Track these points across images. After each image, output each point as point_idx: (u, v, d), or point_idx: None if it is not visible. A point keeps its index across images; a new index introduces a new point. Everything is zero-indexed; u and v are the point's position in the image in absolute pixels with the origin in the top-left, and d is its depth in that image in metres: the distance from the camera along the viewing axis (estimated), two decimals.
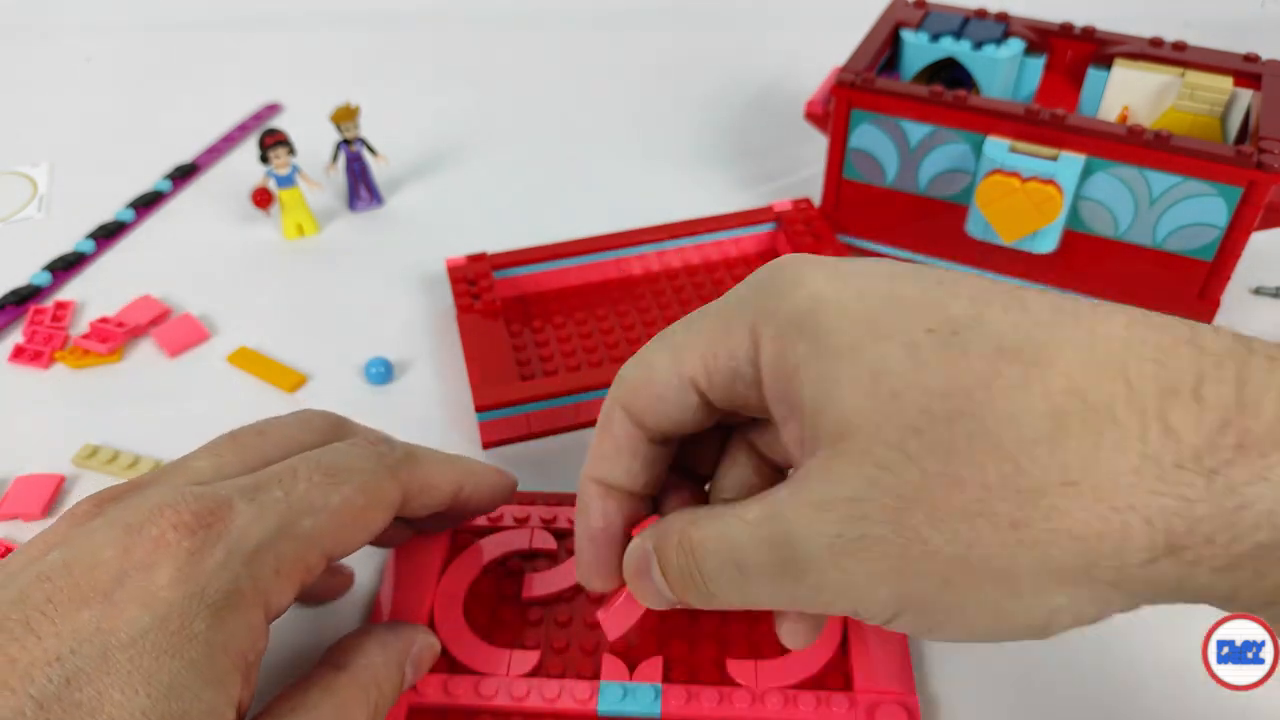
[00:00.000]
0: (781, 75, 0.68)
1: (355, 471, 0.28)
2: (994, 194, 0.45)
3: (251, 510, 0.26)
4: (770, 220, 0.51)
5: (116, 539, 0.24)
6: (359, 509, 0.28)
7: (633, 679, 0.32)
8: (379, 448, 0.30)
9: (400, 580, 0.34)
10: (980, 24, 0.50)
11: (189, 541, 0.24)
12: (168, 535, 0.24)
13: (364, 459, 0.29)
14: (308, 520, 0.27)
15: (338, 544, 0.28)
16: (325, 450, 0.29)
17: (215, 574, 0.24)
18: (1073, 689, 0.33)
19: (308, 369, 0.46)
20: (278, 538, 0.26)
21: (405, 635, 0.30)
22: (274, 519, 0.26)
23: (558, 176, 0.60)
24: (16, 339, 0.48)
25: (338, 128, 0.54)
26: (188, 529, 0.24)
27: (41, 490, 0.40)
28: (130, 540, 0.24)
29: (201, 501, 0.25)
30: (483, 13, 0.78)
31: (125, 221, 0.56)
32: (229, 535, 0.25)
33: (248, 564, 0.25)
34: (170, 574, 0.24)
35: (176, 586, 0.24)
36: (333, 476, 0.28)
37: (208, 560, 0.24)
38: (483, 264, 0.48)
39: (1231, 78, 0.46)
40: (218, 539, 0.25)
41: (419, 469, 0.31)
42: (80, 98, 0.70)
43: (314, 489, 0.27)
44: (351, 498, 0.28)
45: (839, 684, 0.32)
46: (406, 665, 0.30)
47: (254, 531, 0.25)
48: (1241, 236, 0.43)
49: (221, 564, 0.24)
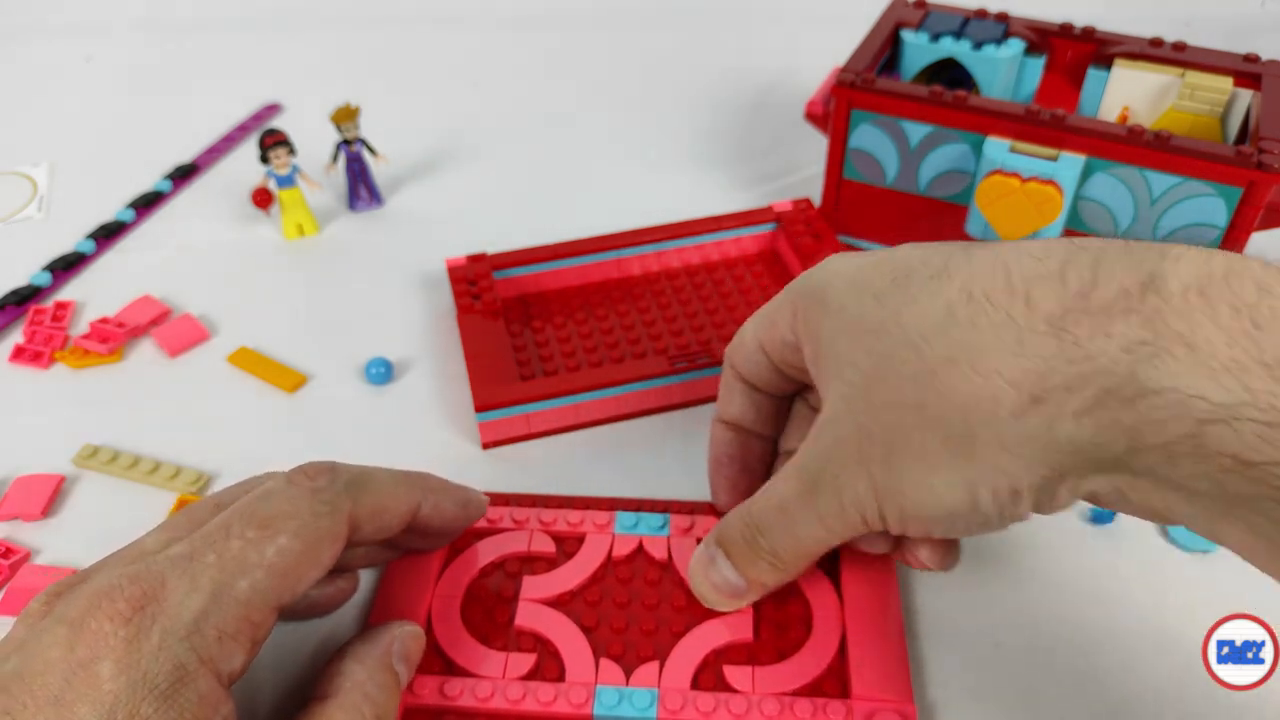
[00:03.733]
0: (781, 75, 0.68)
1: (289, 517, 0.28)
2: (994, 194, 0.45)
3: (184, 583, 0.25)
4: (770, 220, 0.51)
5: (61, 639, 0.24)
6: (297, 555, 0.27)
7: (629, 684, 0.32)
8: (317, 483, 0.29)
9: (397, 584, 0.34)
10: (980, 24, 0.50)
11: (125, 630, 0.24)
12: (105, 628, 0.24)
13: (298, 500, 0.28)
14: (243, 581, 0.26)
15: (281, 594, 0.27)
16: (258, 498, 0.28)
17: (155, 658, 0.24)
18: (1073, 694, 0.33)
19: (308, 369, 0.46)
20: (214, 605, 0.25)
21: (381, 638, 0.30)
22: (208, 586, 0.25)
23: (558, 176, 0.60)
24: (16, 339, 0.48)
25: (338, 128, 0.54)
26: (123, 618, 0.24)
27: (41, 490, 0.40)
28: (73, 637, 0.24)
29: (135, 585, 0.25)
30: (483, 13, 0.78)
31: (125, 221, 0.56)
32: (164, 615, 0.25)
33: (187, 639, 0.25)
34: (111, 667, 0.24)
35: (118, 678, 0.24)
36: (266, 528, 0.27)
37: (145, 646, 0.24)
38: (483, 264, 0.48)
39: (1231, 78, 0.46)
40: (153, 621, 0.24)
41: (366, 495, 0.30)
42: (80, 98, 0.70)
43: (248, 546, 0.27)
44: (288, 547, 0.27)
45: (836, 691, 0.32)
46: (395, 664, 0.29)
47: (190, 604, 0.25)
48: (1241, 236, 0.43)
49: (159, 646, 0.24)
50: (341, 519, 0.29)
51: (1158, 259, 0.23)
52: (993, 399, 0.24)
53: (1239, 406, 0.21)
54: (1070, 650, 0.34)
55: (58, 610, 0.25)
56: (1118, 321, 0.23)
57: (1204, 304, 0.22)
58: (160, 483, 0.41)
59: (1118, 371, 0.23)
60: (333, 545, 0.29)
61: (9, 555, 0.38)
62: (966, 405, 0.25)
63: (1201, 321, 0.22)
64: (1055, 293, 0.24)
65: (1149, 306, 0.23)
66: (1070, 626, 0.34)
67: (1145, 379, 0.22)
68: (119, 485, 0.41)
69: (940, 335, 0.25)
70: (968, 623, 0.35)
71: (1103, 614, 0.35)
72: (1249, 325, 0.22)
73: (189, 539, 0.27)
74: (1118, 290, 0.23)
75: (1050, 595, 0.36)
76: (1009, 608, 0.35)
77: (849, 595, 0.34)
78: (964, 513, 0.26)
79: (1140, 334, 0.22)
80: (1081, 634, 0.29)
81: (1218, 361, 0.22)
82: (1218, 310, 0.22)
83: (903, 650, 0.32)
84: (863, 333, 0.28)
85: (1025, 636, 0.34)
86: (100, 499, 0.41)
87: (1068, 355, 0.23)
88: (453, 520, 0.34)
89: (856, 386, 0.27)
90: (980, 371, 0.24)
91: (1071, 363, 0.23)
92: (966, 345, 0.25)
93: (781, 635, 0.33)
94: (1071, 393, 0.23)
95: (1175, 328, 0.22)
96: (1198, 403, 0.22)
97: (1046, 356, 0.23)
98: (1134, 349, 0.22)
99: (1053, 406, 0.23)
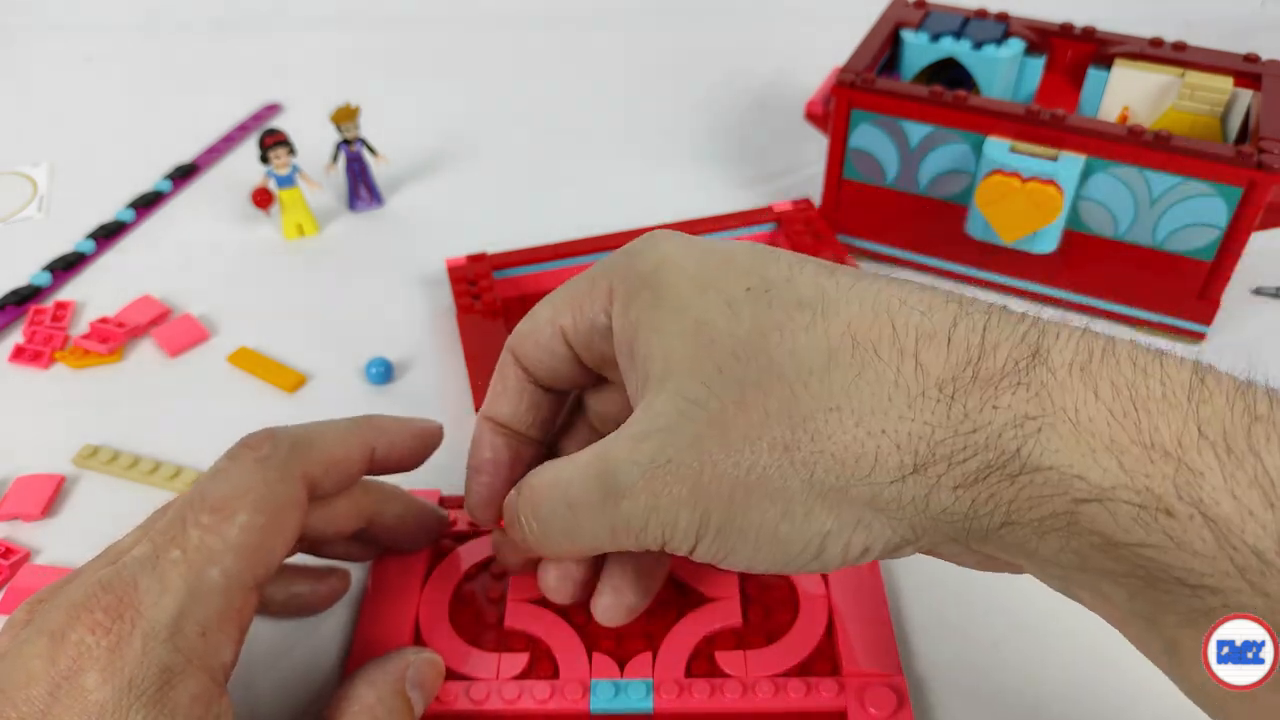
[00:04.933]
0: (781, 75, 0.68)
1: (243, 493, 0.27)
2: (994, 194, 0.45)
3: (156, 584, 0.25)
4: (770, 220, 0.51)
5: (43, 650, 0.24)
6: (261, 530, 0.27)
7: (624, 675, 0.32)
8: (260, 451, 0.28)
9: (383, 592, 0.34)
10: (980, 24, 0.50)
11: (106, 640, 0.24)
12: (86, 640, 0.24)
13: (248, 474, 0.28)
14: (214, 569, 0.26)
15: (256, 572, 0.27)
16: (206, 480, 0.28)
17: (139, 663, 0.24)
18: (1063, 659, 0.33)
19: (308, 369, 0.46)
20: (191, 601, 0.25)
21: (395, 663, 0.30)
22: (179, 583, 0.25)
23: (558, 176, 0.60)
24: (16, 339, 0.48)
25: (338, 128, 0.54)
26: (102, 628, 0.24)
27: (41, 490, 0.40)
28: (54, 649, 0.24)
29: (109, 593, 0.25)
30: (483, 13, 0.78)
31: (125, 221, 0.56)
32: (142, 620, 0.24)
33: (170, 640, 0.25)
34: (95, 677, 0.24)
35: (103, 687, 0.24)
36: (221, 509, 0.27)
37: (128, 653, 0.24)
38: (483, 264, 0.48)
39: (1231, 78, 0.46)
40: (132, 627, 0.24)
41: (314, 452, 0.29)
42: (80, 98, 0.70)
43: (208, 533, 0.26)
44: (249, 523, 0.27)
45: (827, 669, 0.32)
46: (409, 690, 0.29)
47: (165, 605, 0.25)
48: (1241, 236, 0.43)
49: (142, 651, 0.24)
50: (295, 482, 0.28)
51: (1039, 335, 0.23)
52: (874, 458, 0.23)
53: (1115, 489, 0.21)
54: (1058, 627, 0.34)
55: (38, 619, 0.25)
56: (1005, 394, 0.22)
57: (1086, 380, 0.22)
58: (160, 483, 0.41)
59: (1004, 447, 0.22)
60: (294, 510, 0.28)
61: (9, 555, 0.38)
62: (844, 458, 0.23)
63: (1086, 398, 0.22)
64: (945, 356, 0.23)
65: (1037, 380, 0.22)
66: (1056, 598, 0.34)
67: (1029, 456, 0.22)
68: (119, 485, 0.41)
69: (822, 379, 0.24)
70: (953, 597, 0.35)
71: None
72: (1128, 404, 0.21)
73: (150, 537, 0.26)
74: (1006, 360, 0.23)
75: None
76: (995, 582, 0.35)
77: (833, 574, 0.34)
78: (800, 559, 0.25)
79: (1027, 408, 0.22)
80: (1067, 604, 0.28)
81: (1099, 440, 0.21)
82: (1100, 387, 0.22)
83: (889, 625, 0.33)
84: (712, 346, 0.25)
85: (1013, 608, 0.35)
86: (100, 499, 0.41)
87: (956, 425, 0.22)
88: (413, 455, 0.33)
89: (705, 408, 0.25)
90: (866, 428, 0.23)
91: (959, 434, 0.22)
92: (852, 397, 0.23)
93: (769, 618, 0.34)
94: (954, 465, 0.23)
95: (1061, 403, 0.22)
96: (1077, 482, 0.21)
97: (935, 424, 0.23)
98: (1022, 423, 0.22)
99: (934, 476, 0.23)
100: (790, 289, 0.25)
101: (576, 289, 0.29)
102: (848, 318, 0.24)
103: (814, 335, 0.24)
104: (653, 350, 0.26)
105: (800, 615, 0.33)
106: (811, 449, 0.24)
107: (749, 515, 0.25)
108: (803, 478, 0.24)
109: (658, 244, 0.28)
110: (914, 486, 0.23)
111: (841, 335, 0.24)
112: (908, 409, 0.23)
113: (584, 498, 0.26)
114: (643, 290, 0.27)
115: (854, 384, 0.23)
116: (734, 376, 0.24)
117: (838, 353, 0.24)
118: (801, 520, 0.24)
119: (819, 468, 0.24)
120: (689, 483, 0.25)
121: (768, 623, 0.34)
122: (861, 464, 0.23)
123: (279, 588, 0.32)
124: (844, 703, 0.31)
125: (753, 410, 0.24)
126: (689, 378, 0.25)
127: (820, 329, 0.24)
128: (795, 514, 0.24)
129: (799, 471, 0.24)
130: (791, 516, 0.24)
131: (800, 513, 0.24)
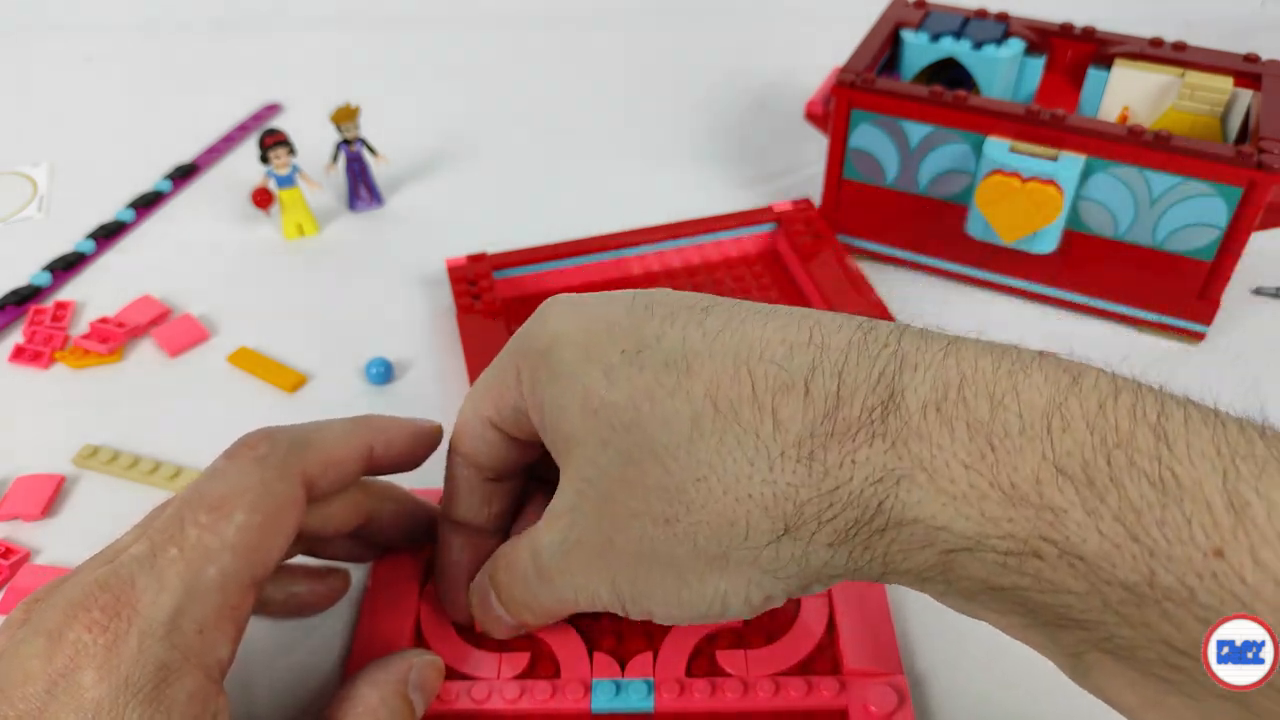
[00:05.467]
0: (781, 75, 0.68)
1: (241, 492, 0.27)
2: (994, 194, 0.45)
3: (153, 582, 0.25)
4: (770, 220, 0.51)
5: (40, 649, 0.24)
6: (259, 529, 0.27)
7: (625, 675, 0.32)
8: (258, 451, 0.28)
9: (383, 592, 0.34)
10: (980, 24, 0.50)
11: (103, 638, 0.24)
12: (83, 638, 0.24)
13: (245, 473, 0.28)
14: (211, 568, 0.26)
15: (254, 571, 0.27)
16: (204, 479, 0.28)
17: (136, 661, 0.24)
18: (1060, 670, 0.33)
19: (308, 369, 0.46)
20: (188, 599, 0.25)
21: (397, 665, 0.30)
22: (177, 582, 0.25)
23: (558, 176, 0.60)
24: (16, 339, 0.48)
25: (338, 128, 0.54)
26: (99, 627, 0.24)
27: (41, 490, 0.40)
28: (51, 648, 0.24)
29: (106, 592, 0.25)
30: (483, 13, 0.78)
31: (125, 221, 0.56)
32: (139, 618, 0.25)
33: (166, 638, 0.25)
34: (92, 675, 0.24)
35: (100, 685, 0.24)
36: (218, 508, 0.27)
37: (125, 650, 0.24)
38: (483, 264, 0.48)
39: (1231, 78, 0.46)
40: (129, 625, 0.24)
41: (312, 451, 0.29)
42: (80, 98, 0.70)
43: (205, 532, 0.26)
44: (246, 523, 0.27)
45: (827, 668, 0.32)
46: (411, 692, 0.29)
47: (162, 603, 0.25)
48: (1241, 236, 0.43)
49: (139, 649, 0.24)
50: (293, 481, 0.28)
51: (897, 370, 0.23)
52: (746, 524, 0.24)
53: (980, 537, 0.21)
54: None
55: (35, 619, 0.25)
56: (863, 447, 0.22)
57: (941, 424, 0.22)
58: (160, 483, 0.41)
59: (866, 503, 0.22)
60: (292, 509, 0.28)
61: (9, 555, 0.38)
62: (718, 525, 0.24)
63: (942, 444, 0.22)
64: (801, 411, 0.23)
65: (891, 429, 0.22)
66: None
67: (892, 511, 0.22)
68: (119, 485, 0.41)
69: (688, 451, 0.24)
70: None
71: None
72: (985, 446, 0.21)
73: (147, 535, 0.26)
74: (861, 409, 0.22)
75: None
76: None
77: None
78: (712, 613, 0.26)
79: (884, 460, 0.22)
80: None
81: (957, 489, 0.21)
82: (955, 430, 0.22)
83: (889, 624, 0.33)
84: (596, 417, 0.25)
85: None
86: (100, 499, 0.41)
87: (818, 484, 0.23)
88: (411, 456, 0.33)
89: (596, 486, 0.26)
90: (733, 495, 0.23)
91: (821, 493, 0.23)
92: (716, 466, 0.24)
93: (770, 617, 0.34)
94: (824, 524, 0.23)
95: (916, 452, 0.22)
96: (942, 533, 0.21)
97: (798, 485, 0.23)
98: (881, 477, 0.22)
99: (805, 535, 0.23)
100: (659, 349, 0.25)
101: (490, 378, 0.30)
102: (709, 376, 0.24)
103: (678, 401, 0.24)
104: (558, 425, 0.27)
105: (801, 614, 0.33)
106: (689, 520, 0.24)
107: (651, 583, 0.26)
108: (687, 548, 0.25)
109: (547, 317, 0.28)
110: (790, 546, 0.24)
111: (704, 398, 0.24)
112: (769, 472, 0.23)
113: (525, 573, 0.29)
114: (541, 367, 0.27)
115: (717, 452, 0.24)
116: (618, 449, 0.25)
117: (700, 419, 0.24)
118: (697, 585, 0.25)
119: (699, 537, 0.24)
120: (595, 559, 0.26)
121: (769, 622, 0.34)
122: (735, 530, 0.24)
123: (278, 588, 0.32)
124: (844, 702, 0.31)
125: (635, 486, 0.25)
126: (582, 454, 0.26)
127: (684, 392, 0.24)
128: (690, 580, 0.25)
129: (683, 542, 0.25)
130: (687, 583, 0.25)
131: (694, 579, 0.25)
